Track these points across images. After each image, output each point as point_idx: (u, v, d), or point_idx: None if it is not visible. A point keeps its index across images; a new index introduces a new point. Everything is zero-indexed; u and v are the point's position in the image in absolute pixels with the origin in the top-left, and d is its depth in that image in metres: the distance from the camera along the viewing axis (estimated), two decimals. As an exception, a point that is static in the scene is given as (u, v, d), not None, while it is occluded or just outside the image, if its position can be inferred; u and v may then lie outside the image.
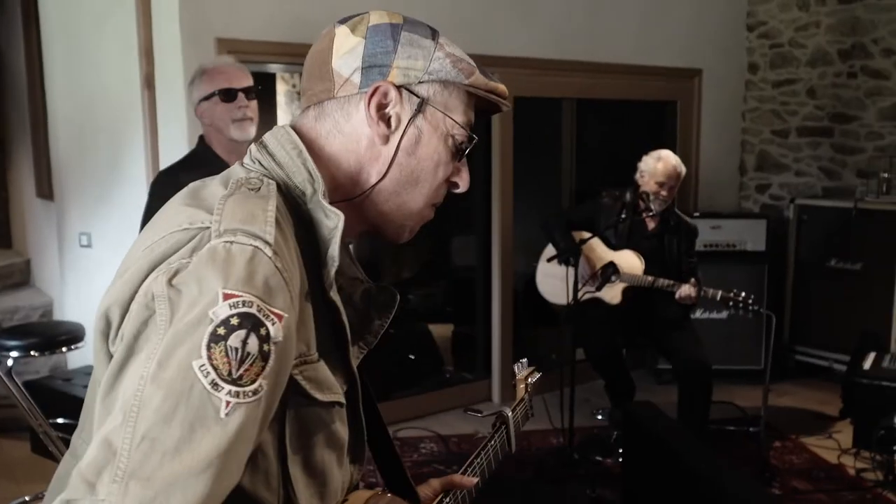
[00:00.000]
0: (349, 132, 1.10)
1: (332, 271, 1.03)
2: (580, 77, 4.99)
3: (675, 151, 5.46)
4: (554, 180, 5.47)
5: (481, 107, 1.17)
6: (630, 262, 3.99)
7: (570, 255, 3.87)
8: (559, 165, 5.41)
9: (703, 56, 5.53)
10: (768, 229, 5.19)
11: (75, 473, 0.84)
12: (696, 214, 5.29)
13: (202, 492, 0.82)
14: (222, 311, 0.86)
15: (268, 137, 1.11)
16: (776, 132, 5.77)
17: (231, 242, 0.91)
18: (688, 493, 2.48)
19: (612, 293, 3.98)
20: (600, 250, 4.11)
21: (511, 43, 4.61)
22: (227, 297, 0.86)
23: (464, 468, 1.45)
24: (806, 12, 5.53)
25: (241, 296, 0.87)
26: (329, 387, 1.05)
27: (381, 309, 1.20)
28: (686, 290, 3.77)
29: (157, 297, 0.90)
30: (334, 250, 1.02)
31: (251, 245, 0.91)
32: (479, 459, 1.46)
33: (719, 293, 3.76)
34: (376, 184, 1.11)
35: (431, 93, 1.10)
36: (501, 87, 1.16)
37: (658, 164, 3.93)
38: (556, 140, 5.39)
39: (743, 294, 3.72)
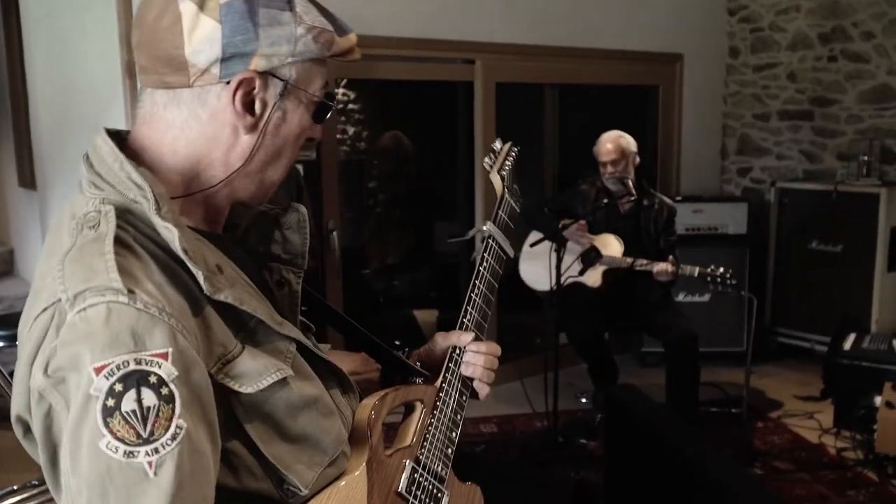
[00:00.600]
0: (207, 121, 1.04)
1: (202, 278, 0.98)
2: (562, 62, 5.00)
3: (656, 136, 5.55)
4: (537, 166, 5.50)
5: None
6: (611, 244, 4.03)
7: (555, 232, 3.89)
8: (542, 151, 5.44)
9: (684, 41, 5.55)
10: (750, 212, 5.22)
11: None
12: (678, 198, 5.32)
13: None
14: (101, 384, 0.86)
15: (90, 150, 1.04)
16: (757, 116, 5.80)
17: (83, 309, 0.89)
18: (670, 474, 2.52)
19: (594, 277, 4.02)
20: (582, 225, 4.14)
21: (491, 28, 4.61)
22: (98, 370, 0.86)
23: (463, 307, 1.45)
24: (786, -4, 5.56)
25: (111, 362, 0.86)
26: (263, 371, 1.02)
27: (294, 227, 1.20)
28: (662, 266, 3.82)
29: (44, 391, 0.92)
30: (189, 263, 0.97)
31: (103, 302, 0.89)
32: (475, 292, 1.47)
33: (696, 269, 3.80)
34: (240, 168, 1.07)
35: (293, 72, 1.06)
36: (352, 39, 1.12)
37: (598, 146, 4.07)
38: (538, 126, 5.41)
39: (721, 269, 3.76)
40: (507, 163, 1.66)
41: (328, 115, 1.13)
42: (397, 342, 5.12)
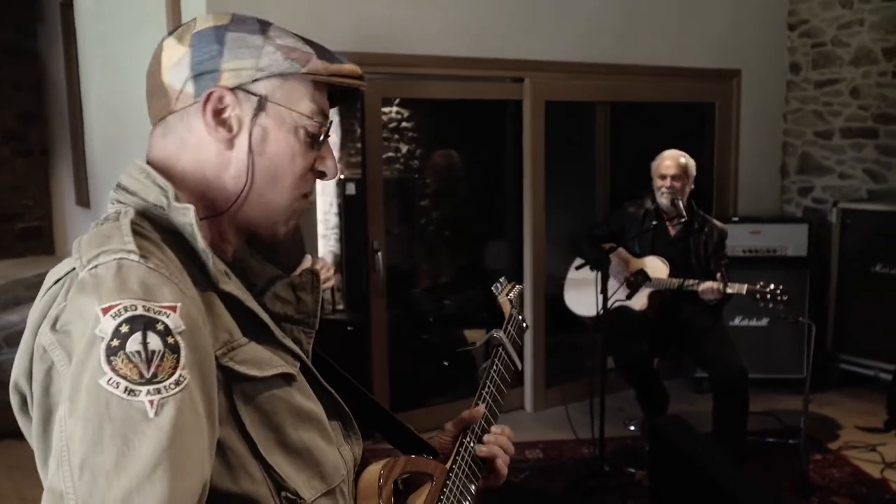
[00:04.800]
0: (195, 143, 1.08)
1: (210, 264, 1.00)
2: (612, 80, 4.91)
3: (712, 154, 5.41)
4: (588, 187, 5.41)
5: (341, 89, 1.15)
6: (656, 267, 3.92)
7: (600, 261, 3.81)
8: (593, 170, 5.34)
9: (742, 56, 5.41)
10: (810, 234, 5.05)
11: None
12: (735, 219, 5.18)
13: (162, 491, 0.81)
14: (107, 324, 0.85)
15: (121, 176, 1.10)
16: (819, 133, 5.61)
17: (95, 267, 0.90)
18: (713, 511, 2.41)
19: (639, 300, 3.91)
20: (626, 257, 4.05)
21: (541, 46, 4.55)
22: (105, 311, 0.85)
23: (474, 401, 1.43)
24: (849, 10, 5.37)
25: (119, 303, 0.86)
26: (267, 362, 1.03)
27: (308, 289, 1.19)
28: (708, 283, 3.69)
29: (48, 347, 0.91)
30: (200, 243, 1.00)
31: (114, 259, 0.90)
32: (485, 390, 1.43)
33: (745, 287, 3.65)
34: (241, 191, 1.09)
35: (270, 89, 1.08)
36: (347, 67, 1.13)
37: (659, 160, 4.00)
38: (589, 145, 5.32)
39: (771, 286, 3.61)
40: (513, 291, 1.69)
41: (322, 140, 1.14)
42: (445, 363, 5.05)
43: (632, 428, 4.46)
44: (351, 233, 5.39)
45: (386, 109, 6.06)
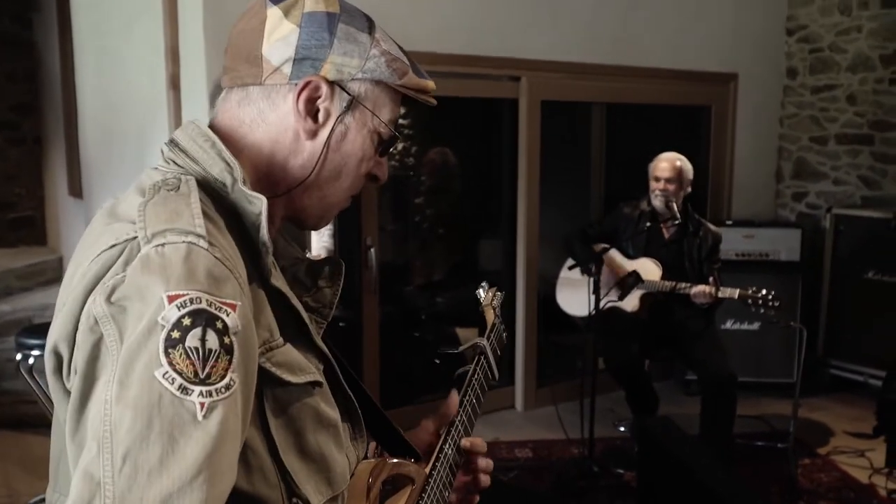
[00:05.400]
0: (274, 122, 1.06)
1: (269, 258, 1.00)
2: (609, 81, 4.90)
3: (707, 157, 5.41)
4: (583, 186, 5.39)
5: (408, 99, 1.15)
6: (649, 269, 3.92)
7: (590, 263, 3.81)
8: (588, 171, 5.33)
9: (739, 60, 5.41)
10: (804, 239, 5.05)
11: None
12: (729, 223, 5.18)
13: (200, 498, 0.79)
14: (171, 313, 0.82)
15: (178, 134, 1.07)
16: (814, 139, 5.62)
17: (162, 245, 0.87)
18: (700, 513, 2.41)
19: (632, 302, 3.91)
20: (619, 260, 4.05)
21: (537, 45, 4.54)
22: (171, 299, 0.83)
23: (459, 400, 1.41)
24: (848, 16, 5.37)
25: (186, 294, 0.83)
26: (301, 368, 1.02)
27: (330, 279, 1.19)
28: (700, 287, 3.69)
29: (101, 319, 0.87)
30: (264, 236, 0.99)
31: (184, 242, 0.87)
32: (465, 398, 1.41)
33: (737, 291, 3.67)
34: (304, 181, 1.08)
35: (363, 91, 1.08)
36: (430, 85, 1.15)
37: (655, 162, 3.99)
38: (584, 145, 5.31)
39: (763, 291, 3.61)
40: (496, 300, 1.66)
41: (391, 149, 1.15)
42: (437, 360, 5.05)
43: (622, 429, 4.46)
44: (344, 229, 5.37)
45: (382, 106, 6.02)
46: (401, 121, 5.45)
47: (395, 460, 1.25)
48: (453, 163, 5.65)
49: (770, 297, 3.59)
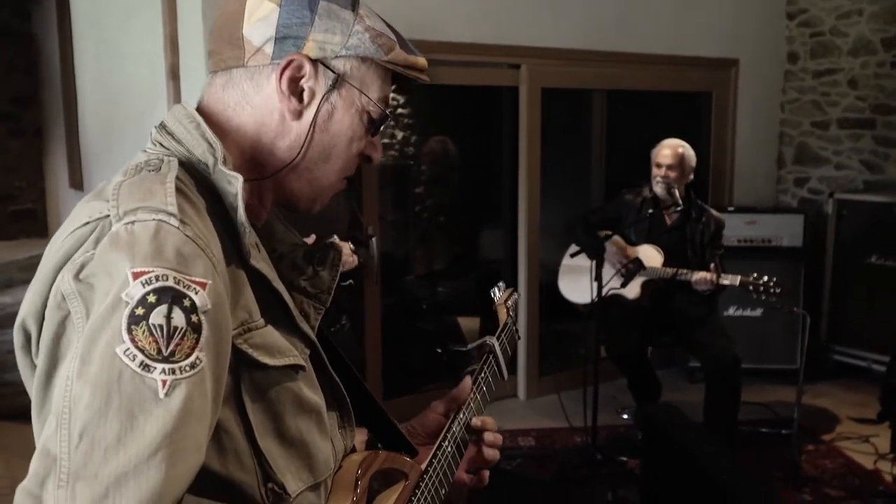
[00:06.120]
0: (259, 104, 1.05)
1: (246, 239, 0.98)
2: (610, 68, 4.88)
3: (709, 144, 5.39)
4: (584, 174, 5.38)
5: (399, 78, 1.13)
6: (651, 256, 3.91)
7: (595, 249, 3.80)
8: (589, 158, 5.31)
9: (739, 46, 5.38)
10: (806, 225, 5.04)
11: (19, 491, 0.81)
12: (731, 209, 5.17)
13: (157, 478, 0.78)
14: (135, 290, 0.81)
15: (166, 117, 1.06)
16: (816, 124, 5.60)
17: (132, 222, 0.86)
18: (704, 498, 2.40)
19: (633, 289, 3.90)
20: (623, 244, 4.04)
21: (538, 32, 4.52)
22: (136, 275, 0.82)
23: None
24: (848, 0, 5.35)
25: (151, 271, 0.82)
26: (281, 350, 1.01)
27: (327, 264, 1.17)
28: (701, 274, 3.68)
29: (68, 296, 0.86)
30: (241, 216, 0.97)
31: (153, 220, 0.86)
32: (473, 396, 1.40)
33: (738, 278, 3.65)
34: (291, 162, 1.07)
35: (348, 68, 1.06)
36: (421, 61, 1.12)
37: (657, 149, 3.96)
38: (585, 133, 5.30)
39: (765, 278, 3.60)
40: (511, 299, 1.65)
41: (381, 128, 1.13)
42: (439, 349, 5.04)
43: (625, 416, 4.46)
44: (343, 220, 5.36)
45: (382, 95, 6.00)
46: (400, 110, 5.43)
47: (387, 453, 1.22)
48: (453, 152, 5.64)
49: (771, 283, 3.58)
